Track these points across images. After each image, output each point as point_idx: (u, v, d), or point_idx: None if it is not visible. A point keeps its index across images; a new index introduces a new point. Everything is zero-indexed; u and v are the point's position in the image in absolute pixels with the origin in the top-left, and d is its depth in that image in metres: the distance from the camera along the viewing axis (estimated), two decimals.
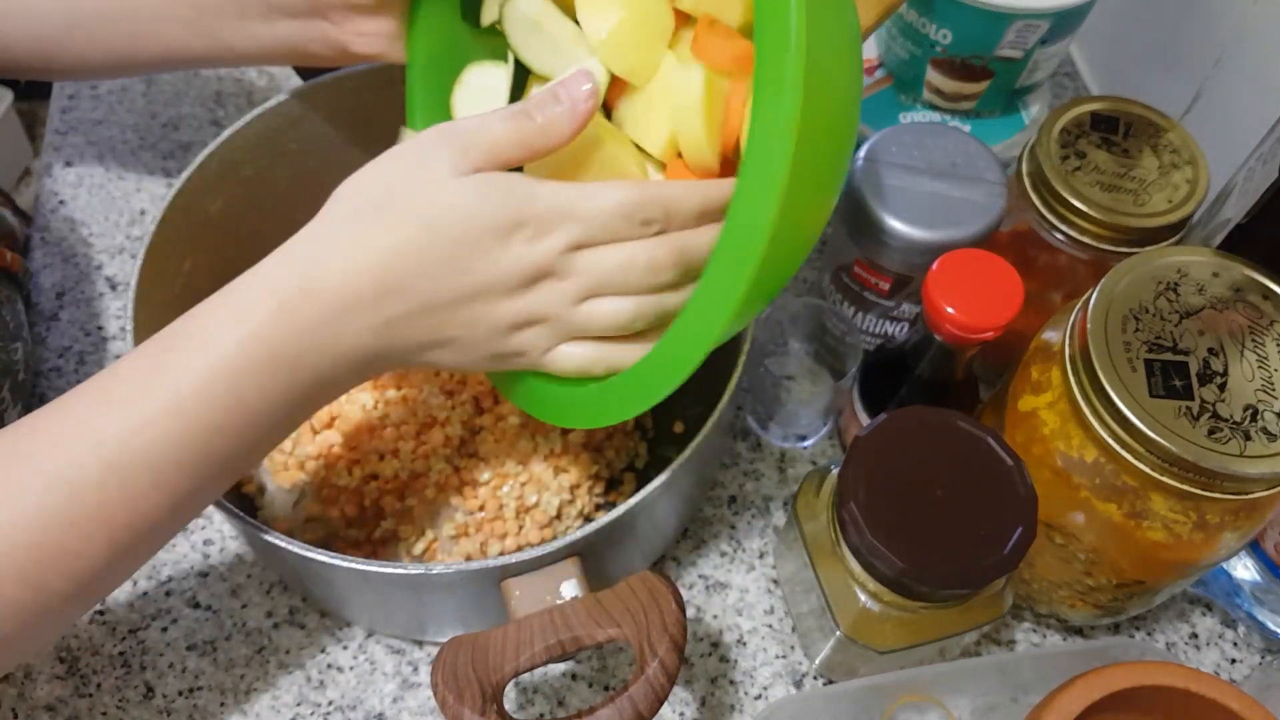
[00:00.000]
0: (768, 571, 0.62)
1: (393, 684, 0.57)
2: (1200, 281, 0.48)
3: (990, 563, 0.45)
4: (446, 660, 0.44)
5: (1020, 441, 0.50)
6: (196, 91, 0.81)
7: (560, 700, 0.57)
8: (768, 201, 0.36)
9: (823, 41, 0.36)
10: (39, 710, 0.56)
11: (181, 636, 0.58)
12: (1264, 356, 0.46)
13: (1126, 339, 0.46)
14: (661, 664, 0.43)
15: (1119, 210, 0.54)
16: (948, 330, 0.50)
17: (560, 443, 0.59)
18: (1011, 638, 0.60)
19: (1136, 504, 0.46)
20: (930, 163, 0.57)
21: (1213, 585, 0.59)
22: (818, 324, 0.66)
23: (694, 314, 0.41)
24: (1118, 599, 0.53)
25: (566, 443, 0.59)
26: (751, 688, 0.58)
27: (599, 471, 0.60)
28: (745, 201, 0.38)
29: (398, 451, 0.57)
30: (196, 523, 0.62)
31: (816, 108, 0.36)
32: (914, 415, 0.48)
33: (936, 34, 0.63)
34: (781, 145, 0.36)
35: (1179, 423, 0.44)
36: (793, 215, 0.37)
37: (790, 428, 0.66)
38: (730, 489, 0.65)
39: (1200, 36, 0.70)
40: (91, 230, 0.74)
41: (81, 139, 0.78)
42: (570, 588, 0.47)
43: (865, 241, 0.58)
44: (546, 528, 0.57)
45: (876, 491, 0.46)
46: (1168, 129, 0.57)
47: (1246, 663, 0.60)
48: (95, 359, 0.68)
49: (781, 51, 0.35)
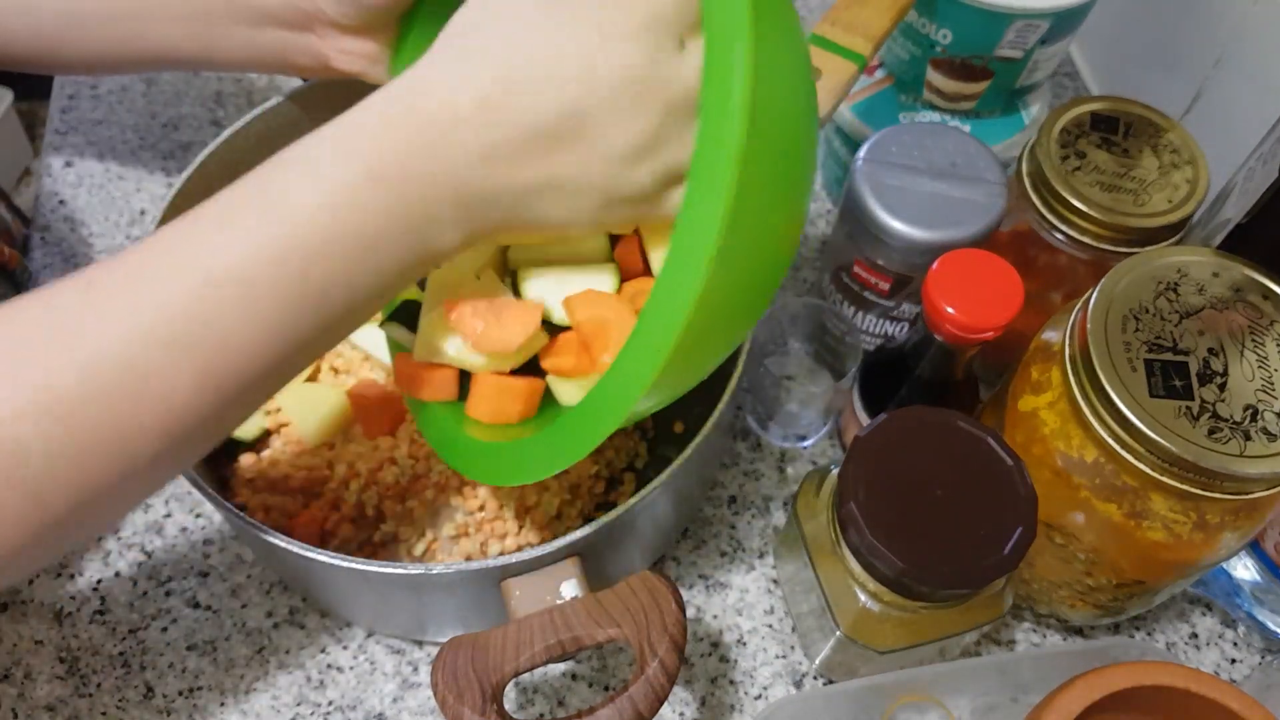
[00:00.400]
0: (768, 571, 0.62)
1: (393, 684, 0.57)
2: (1200, 281, 0.48)
3: (990, 563, 0.45)
4: (446, 660, 0.44)
5: (1020, 441, 0.50)
6: (197, 92, 0.82)
7: (560, 700, 0.57)
8: (690, 285, 0.34)
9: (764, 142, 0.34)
10: (39, 710, 0.56)
11: (181, 636, 0.58)
12: (1264, 356, 0.46)
13: (1126, 339, 0.46)
14: (661, 664, 0.43)
15: (1119, 210, 0.54)
16: (948, 330, 0.50)
17: None
18: (1011, 638, 0.60)
19: (1136, 504, 0.46)
20: (930, 163, 0.57)
21: (1213, 585, 0.59)
22: (818, 324, 0.66)
23: (621, 369, 0.38)
24: (1118, 599, 0.53)
25: None
26: (751, 688, 0.58)
27: (599, 471, 0.60)
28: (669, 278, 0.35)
29: (395, 460, 0.57)
30: (196, 523, 0.62)
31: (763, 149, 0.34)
32: (914, 415, 0.48)
33: (936, 34, 0.63)
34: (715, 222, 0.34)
35: (1179, 423, 0.44)
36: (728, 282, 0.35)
37: (790, 428, 0.66)
38: (730, 489, 0.65)
39: (1200, 36, 0.70)
40: (91, 230, 0.74)
41: (81, 139, 0.78)
42: (570, 588, 0.47)
43: (865, 241, 0.58)
44: (546, 528, 0.57)
45: (876, 491, 0.46)
46: (1168, 129, 0.57)
47: (1246, 663, 0.60)
48: None
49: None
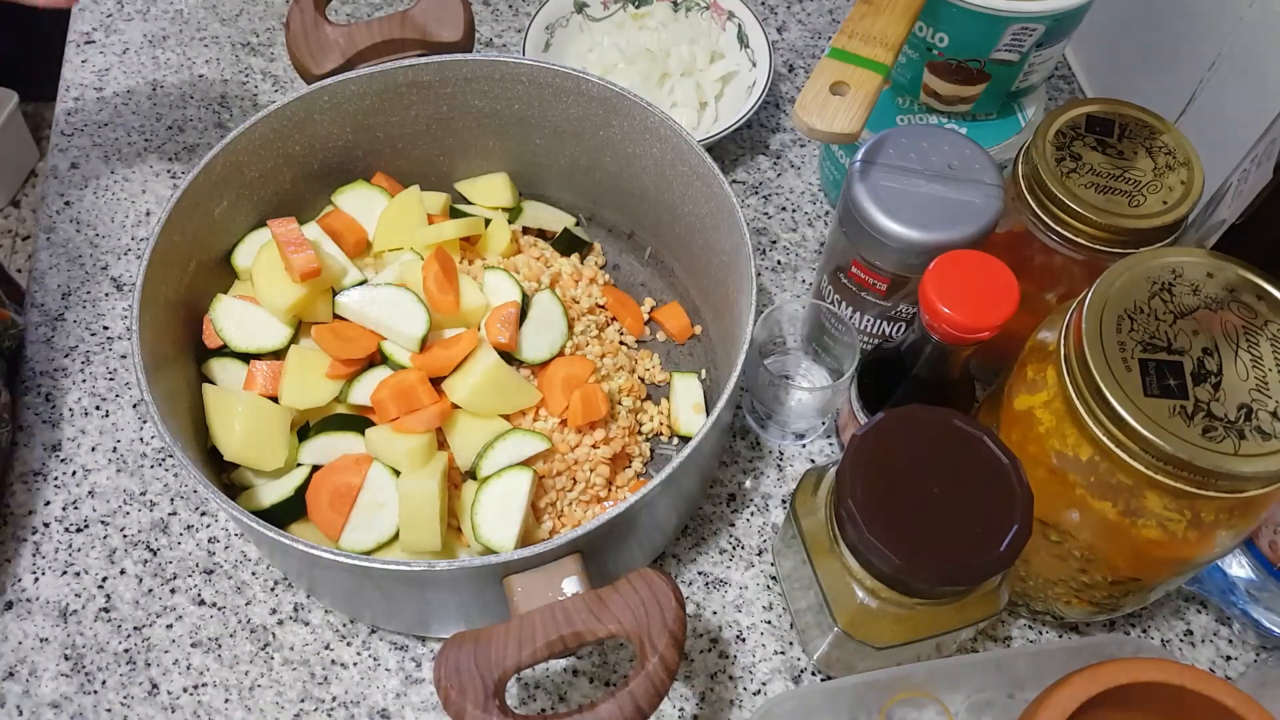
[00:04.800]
0: (766, 568, 0.62)
1: (396, 680, 0.58)
2: (1195, 282, 0.48)
3: (986, 560, 0.45)
4: (449, 656, 0.45)
5: (1016, 440, 0.51)
6: (202, 94, 0.82)
7: (562, 696, 0.58)
8: None
9: None
10: (44, 707, 0.56)
11: (186, 633, 0.59)
12: (1258, 356, 0.46)
13: (1121, 339, 0.46)
14: (662, 660, 0.44)
15: (1114, 211, 0.54)
16: (944, 330, 0.51)
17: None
18: (1007, 634, 0.61)
19: (1131, 502, 0.47)
20: (927, 165, 0.58)
21: (1208, 583, 0.59)
22: (816, 324, 0.66)
23: None
24: (1113, 596, 0.54)
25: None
26: (750, 683, 0.58)
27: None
28: None
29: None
30: (202, 520, 0.63)
31: None
32: (911, 414, 0.49)
33: (933, 37, 0.63)
34: None
35: (1173, 422, 0.44)
36: None
37: (789, 426, 0.66)
38: (729, 487, 0.65)
39: (1195, 39, 0.70)
40: (97, 231, 0.74)
41: (87, 140, 0.79)
42: (571, 584, 0.47)
43: (863, 242, 0.58)
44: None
45: (874, 489, 0.47)
46: (1163, 131, 0.57)
47: (1241, 660, 0.60)
48: (101, 359, 0.68)
49: None
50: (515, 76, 0.64)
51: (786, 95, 0.84)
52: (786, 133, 0.82)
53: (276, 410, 0.56)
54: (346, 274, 0.61)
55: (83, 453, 0.65)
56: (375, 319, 0.58)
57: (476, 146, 0.69)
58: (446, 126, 0.67)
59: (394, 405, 0.56)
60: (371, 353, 0.58)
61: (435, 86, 0.64)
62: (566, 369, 0.61)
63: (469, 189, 0.71)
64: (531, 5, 0.89)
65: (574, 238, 0.70)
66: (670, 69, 0.80)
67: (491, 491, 0.55)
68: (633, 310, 0.69)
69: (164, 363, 0.55)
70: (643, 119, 0.62)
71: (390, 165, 0.68)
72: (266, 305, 0.58)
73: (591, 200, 0.72)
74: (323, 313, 0.59)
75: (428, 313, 0.57)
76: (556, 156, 0.69)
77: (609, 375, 0.63)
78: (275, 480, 0.57)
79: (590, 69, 0.76)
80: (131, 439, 0.65)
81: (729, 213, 0.58)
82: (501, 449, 0.57)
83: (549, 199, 0.73)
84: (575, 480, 0.59)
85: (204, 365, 0.59)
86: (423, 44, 0.63)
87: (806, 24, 0.89)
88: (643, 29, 0.83)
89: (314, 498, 0.55)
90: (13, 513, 0.62)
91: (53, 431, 0.65)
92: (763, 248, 0.76)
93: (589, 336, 0.64)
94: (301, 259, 0.56)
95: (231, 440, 0.55)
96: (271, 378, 0.58)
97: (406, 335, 0.57)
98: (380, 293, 0.58)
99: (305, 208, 0.66)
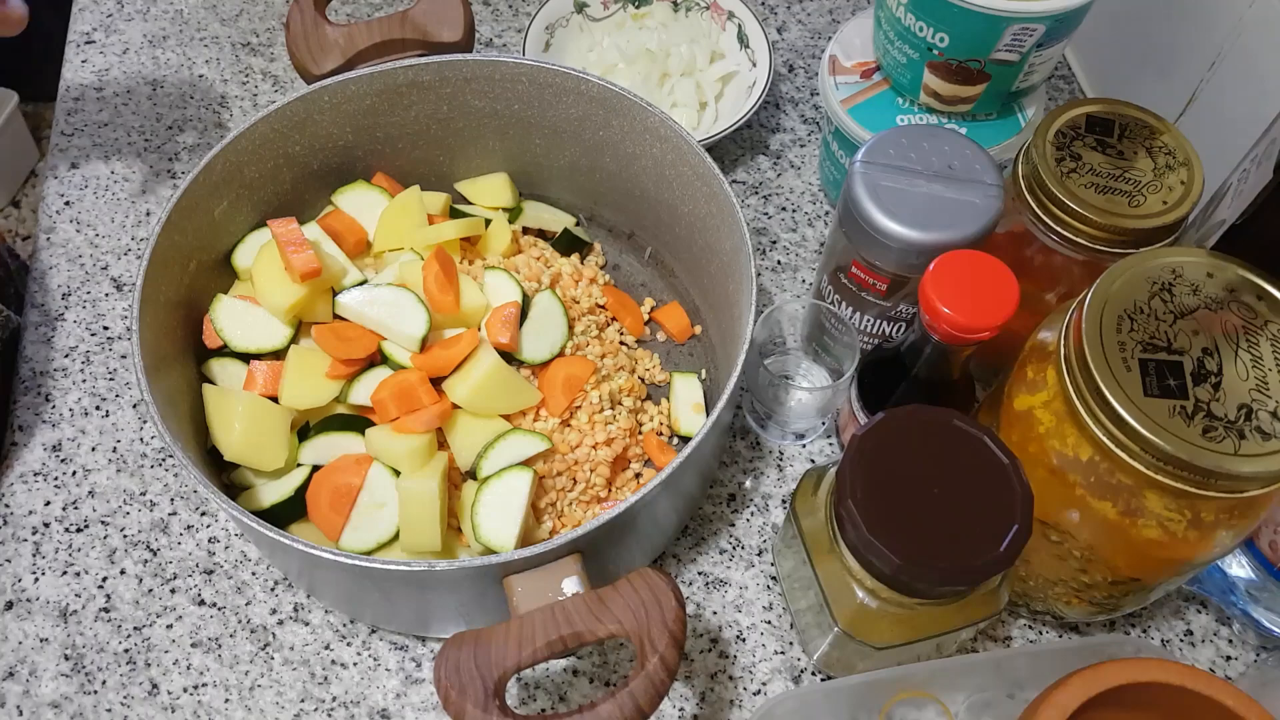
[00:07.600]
0: (766, 569, 0.62)
1: (396, 680, 0.58)
2: (1195, 282, 0.48)
3: (986, 560, 0.45)
4: (449, 656, 0.45)
5: (1016, 440, 0.51)
6: (201, 95, 0.82)
7: (562, 695, 0.58)
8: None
9: None
10: (44, 707, 0.56)
11: (186, 633, 0.59)
12: (1258, 356, 0.46)
13: (1121, 339, 0.46)
14: (662, 660, 0.44)
15: (1114, 212, 0.54)
16: (944, 330, 0.51)
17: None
18: (1007, 634, 0.61)
19: (1131, 502, 0.47)
20: (927, 165, 0.58)
21: (1208, 583, 0.59)
22: (816, 324, 0.66)
23: None
24: (1113, 596, 0.54)
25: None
26: (750, 683, 0.58)
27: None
28: None
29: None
30: (202, 520, 0.63)
31: None
32: (911, 414, 0.49)
33: (933, 37, 0.63)
34: None
35: (1173, 422, 0.44)
36: None
37: (789, 426, 0.66)
38: (729, 487, 0.65)
39: (1195, 39, 0.70)
40: (97, 231, 0.74)
41: (88, 140, 0.79)
42: (571, 584, 0.47)
43: (863, 243, 0.58)
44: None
45: (874, 489, 0.47)
46: (1162, 131, 0.57)
47: (1241, 660, 0.60)
48: (101, 359, 0.68)
49: None
50: (515, 76, 0.64)
51: (786, 95, 0.84)
52: (786, 133, 0.82)
53: (276, 410, 0.56)
54: (346, 274, 0.61)
55: (83, 453, 0.65)
56: (375, 319, 0.58)
57: (476, 146, 0.69)
58: (446, 126, 0.67)
59: (394, 405, 0.56)
60: (371, 353, 0.58)
61: (435, 86, 0.64)
62: (567, 369, 0.61)
63: (469, 189, 0.71)
64: (531, 5, 0.89)
65: (574, 238, 0.70)
66: (670, 69, 0.80)
67: (491, 491, 0.55)
68: (633, 310, 0.69)
69: (164, 363, 0.55)
70: (643, 119, 0.62)
71: (390, 165, 0.68)
72: (266, 305, 0.58)
73: (591, 200, 0.72)
74: (323, 313, 0.59)
75: (428, 313, 0.57)
76: (556, 156, 0.69)
77: (609, 375, 0.63)
78: (275, 480, 0.57)
79: (590, 69, 0.76)
80: (131, 439, 0.65)
81: (729, 213, 0.58)
82: (502, 449, 0.57)
83: (549, 199, 0.73)
84: (575, 480, 0.59)
85: (204, 365, 0.59)
86: (423, 44, 0.63)
87: (806, 24, 0.89)
88: (643, 29, 0.83)
89: (314, 498, 0.55)
90: (13, 513, 0.62)
91: (52, 431, 0.65)
92: (763, 248, 0.76)
93: (589, 337, 0.64)
94: (301, 259, 0.56)
95: (231, 440, 0.55)
96: (271, 378, 0.58)
97: (407, 335, 0.57)
98: (380, 293, 0.58)
99: (305, 208, 0.66)
